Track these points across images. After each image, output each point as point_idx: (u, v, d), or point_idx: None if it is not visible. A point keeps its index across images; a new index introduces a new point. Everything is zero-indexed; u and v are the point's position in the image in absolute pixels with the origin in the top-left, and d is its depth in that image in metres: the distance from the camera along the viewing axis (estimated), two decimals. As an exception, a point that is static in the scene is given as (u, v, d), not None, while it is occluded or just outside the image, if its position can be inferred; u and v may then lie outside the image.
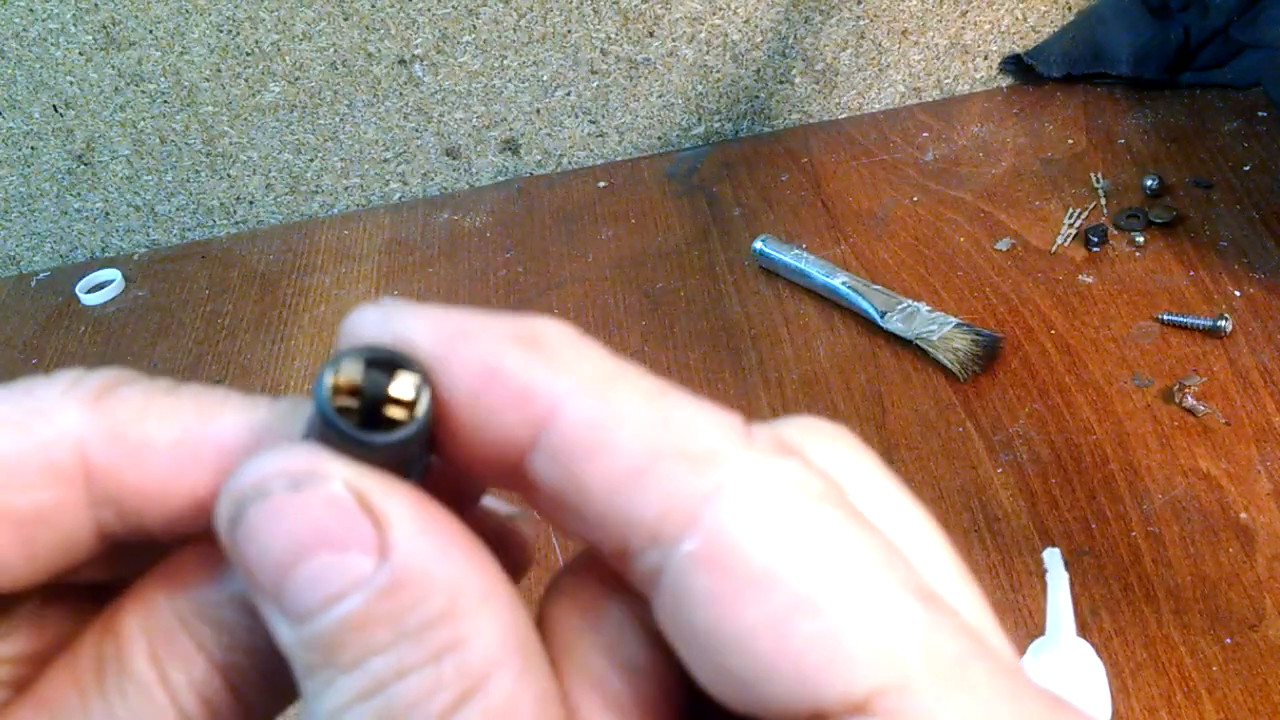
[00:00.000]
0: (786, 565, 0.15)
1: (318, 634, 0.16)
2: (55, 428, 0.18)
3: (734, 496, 0.16)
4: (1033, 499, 0.59)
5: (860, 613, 0.15)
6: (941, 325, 0.67)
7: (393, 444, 0.17)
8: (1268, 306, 0.66)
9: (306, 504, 0.16)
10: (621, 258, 0.80)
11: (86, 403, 0.18)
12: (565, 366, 0.17)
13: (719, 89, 0.87)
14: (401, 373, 0.17)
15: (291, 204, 0.90)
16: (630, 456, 0.16)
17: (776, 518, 0.16)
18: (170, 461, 0.18)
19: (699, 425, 0.17)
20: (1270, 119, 0.78)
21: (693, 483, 0.16)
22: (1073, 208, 0.75)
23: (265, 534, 0.16)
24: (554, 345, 0.17)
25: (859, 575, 0.16)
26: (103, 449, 0.18)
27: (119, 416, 0.18)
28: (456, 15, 0.82)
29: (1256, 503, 0.57)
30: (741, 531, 0.16)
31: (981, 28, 0.86)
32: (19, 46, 0.81)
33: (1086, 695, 0.48)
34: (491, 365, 0.17)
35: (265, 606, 0.17)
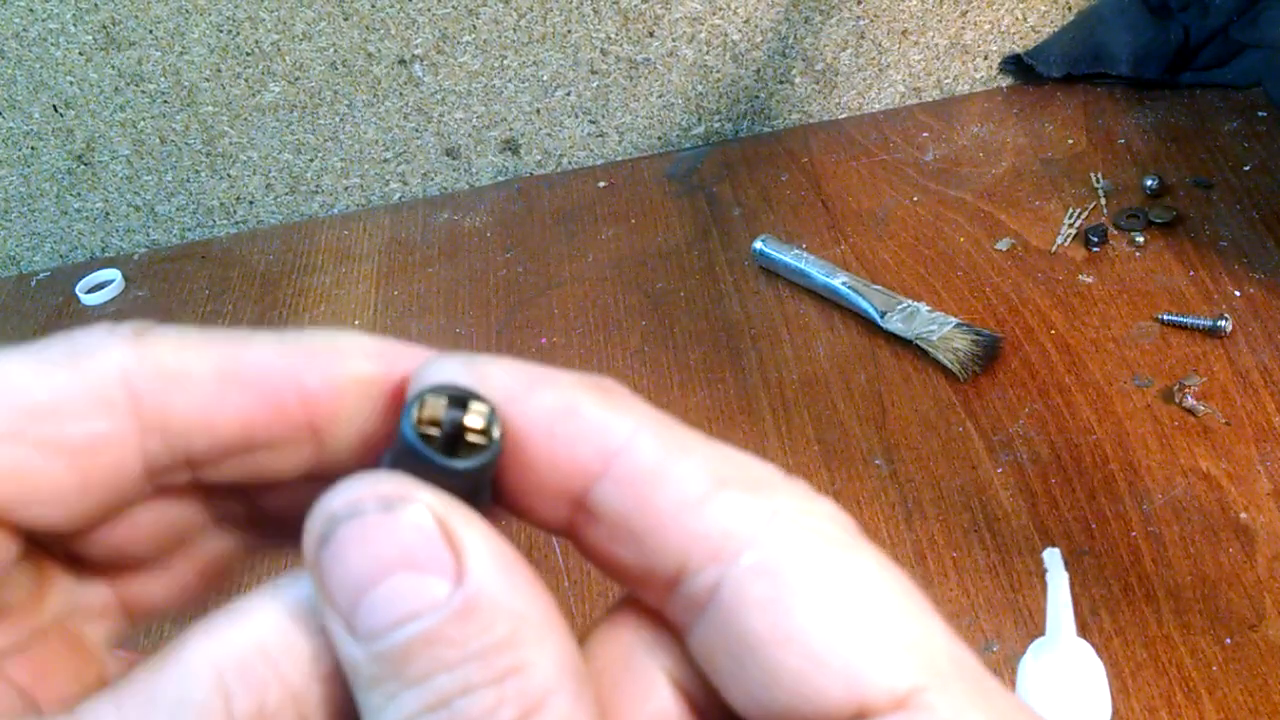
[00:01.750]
0: (838, 575, 0.18)
1: (389, 649, 0.17)
2: (102, 363, 0.19)
3: (789, 519, 0.18)
4: (1033, 499, 0.59)
5: (900, 620, 0.18)
6: (941, 325, 0.67)
7: (471, 469, 0.19)
8: (1268, 306, 0.66)
9: (395, 526, 0.17)
10: (621, 258, 0.80)
11: (128, 340, 0.19)
12: (632, 409, 0.19)
13: (719, 89, 0.87)
14: (476, 405, 0.19)
15: (291, 204, 0.90)
16: (697, 483, 0.18)
17: (826, 538, 0.18)
18: (212, 387, 0.19)
19: (752, 462, 0.19)
20: (1270, 119, 0.78)
21: (753, 506, 0.18)
22: (1073, 208, 0.75)
23: (354, 550, 0.17)
24: (620, 393, 0.19)
25: (896, 592, 0.18)
26: (148, 380, 0.19)
27: (160, 349, 0.19)
28: (456, 15, 0.82)
29: (1256, 503, 0.57)
30: (798, 547, 0.18)
31: (981, 28, 0.86)
32: (19, 46, 0.81)
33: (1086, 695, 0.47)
34: (570, 404, 0.19)
35: (335, 623, 0.17)
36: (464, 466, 0.18)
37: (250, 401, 0.19)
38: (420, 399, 0.19)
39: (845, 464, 0.62)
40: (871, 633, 0.17)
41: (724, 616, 0.18)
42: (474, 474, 0.19)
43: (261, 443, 0.20)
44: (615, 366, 0.72)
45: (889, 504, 0.60)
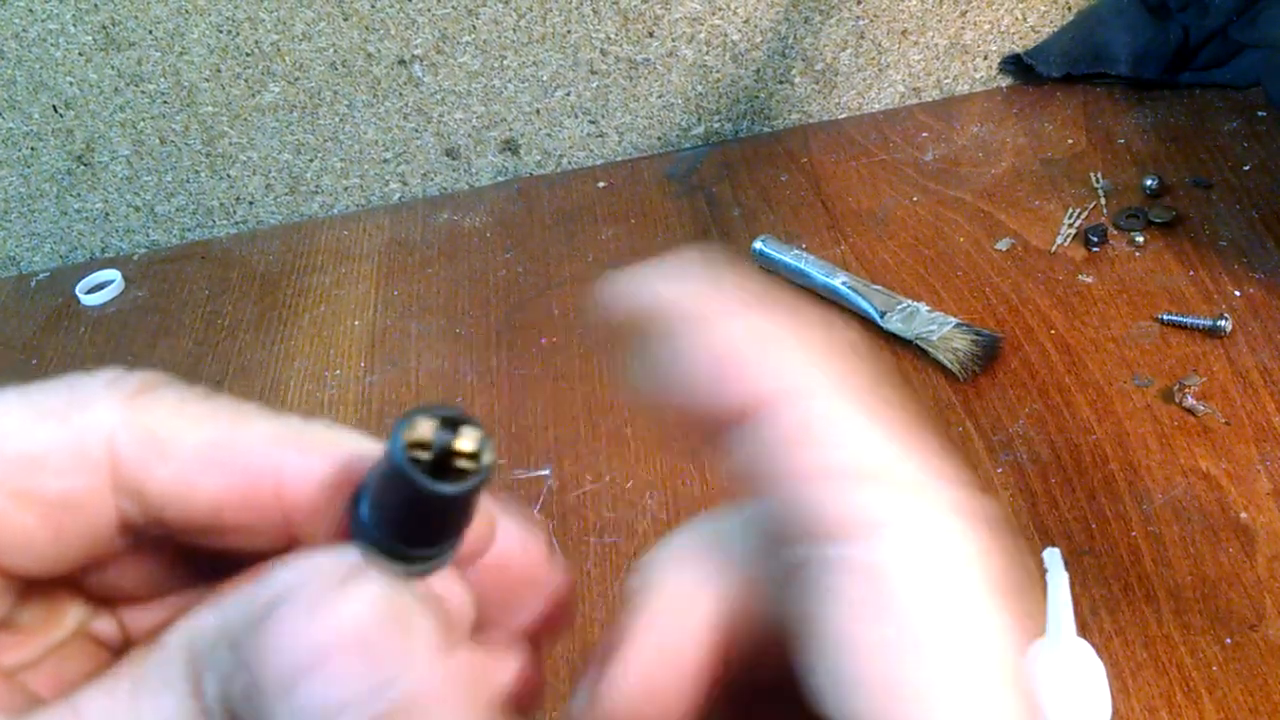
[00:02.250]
0: (925, 609, 0.16)
1: None
2: (90, 419, 0.19)
3: (907, 529, 0.17)
4: (1033, 499, 0.59)
5: (964, 683, 0.16)
6: (941, 325, 0.67)
7: (458, 495, 0.18)
8: (1268, 306, 0.66)
9: (338, 609, 0.17)
10: (622, 258, 0.80)
11: (123, 400, 0.19)
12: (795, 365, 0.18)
13: (719, 89, 0.87)
14: (467, 429, 0.18)
15: (291, 204, 0.90)
16: (839, 459, 0.17)
17: (937, 564, 0.17)
18: (194, 463, 0.19)
19: (902, 454, 0.18)
20: (1270, 119, 0.78)
21: (883, 501, 0.17)
22: (1073, 208, 0.75)
23: (290, 631, 0.17)
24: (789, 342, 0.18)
25: (977, 649, 0.16)
26: (132, 443, 0.19)
27: (153, 415, 0.19)
28: (456, 15, 0.82)
29: (1256, 503, 0.57)
30: (904, 562, 0.17)
31: (981, 28, 0.86)
32: (19, 46, 0.81)
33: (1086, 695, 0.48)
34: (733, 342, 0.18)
35: (273, 705, 0.17)
36: (451, 491, 0.18)
37: (227, 485, 0.19)
38: (410, 419, 0.18)
39: (845, 464, 0.62)
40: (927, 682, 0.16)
41: (803, 595, 0.17)
42: (461, 499, 0.18)
43: (231, 526, 0.20)
44: (615, 366, 0.72)
45: (889, 504, 0.60)
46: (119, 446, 0.19)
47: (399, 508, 0.18)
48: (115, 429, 0.19)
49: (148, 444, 0.19)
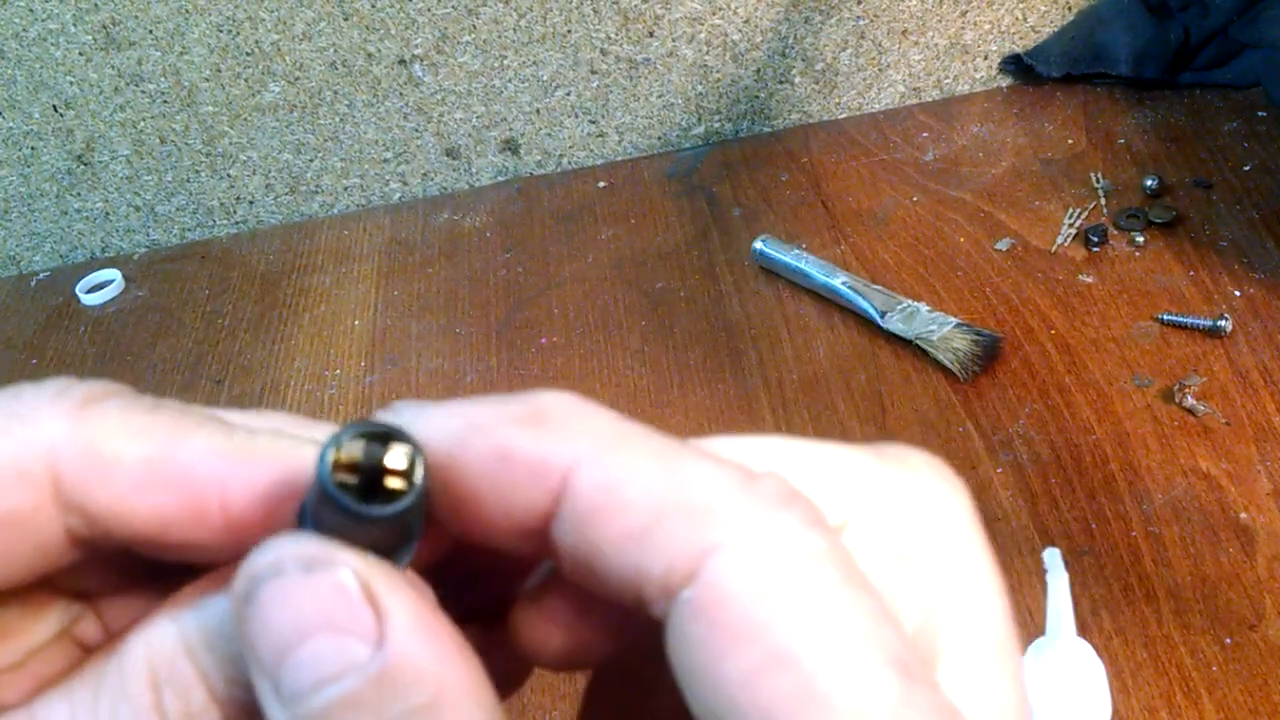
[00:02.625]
0: (771, 620, 0.16)
1: (311, 711, 0.17)
2: (32, 434, 0.19)
3: (731, 551, 0.17)
4: (1033, 499, 0.59)
5: (834, 676, 0.16)
6: (941, 325, 0.67)
7: (390, 516, 0.17)
8: (1268, 306, 0.66)
9: (316, 587, 0.17)
10: (621, 258, 0.80)
11: (67, 413, 0.19)
12: (572, 436, 0.18)
13: (719, 89, 0.87)
14: (396, 445, 0.18)
15: (291, 204, 0.90)
16: (639, 515, 0.17)
17: (768, 574, 0.16)
18: (136, 481, 0.19)
19: (703, 481, 0.17)
20: (1270, 119, 0.78)
21: (695, 537, 0.17)
22: (1073, 208, 0.75)
23: (274, 611, 0.17)
24: (559, 417, 0.18)
25: (840, 638, 0.16)
26: (73, 459, 0.19)
27: (95, 429, 0.19)
28: (456, 15, 0.82)
29: (1256, 503, 0.57)
30: (734, 585, 0.16)
31: (981, 28, 0.86)
32: (19, 46, 0.81)
33: (1086, 695, 0.48)
34: (502, 449, 0.18)
35: (261, 682, 0.17)
36: (381, 514, 0.17)
37: (169, 503, 0.19)
38: (337, 441, 0.17)
39: (845, 464, 0.62)
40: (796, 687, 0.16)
41: (671, 651, 0.17)
42: (395, 520, 0.18)
43: (177, 542, 0.19)
44: (615, 366, 0.72)
45: (889, 504, 0.60)
46: (61, 463, 0.19)
47: (336, 529, 0.18)
48: (58, 444, 0.19)
49: (90, 461, 0.19)
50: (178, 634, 0.18)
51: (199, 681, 0.18)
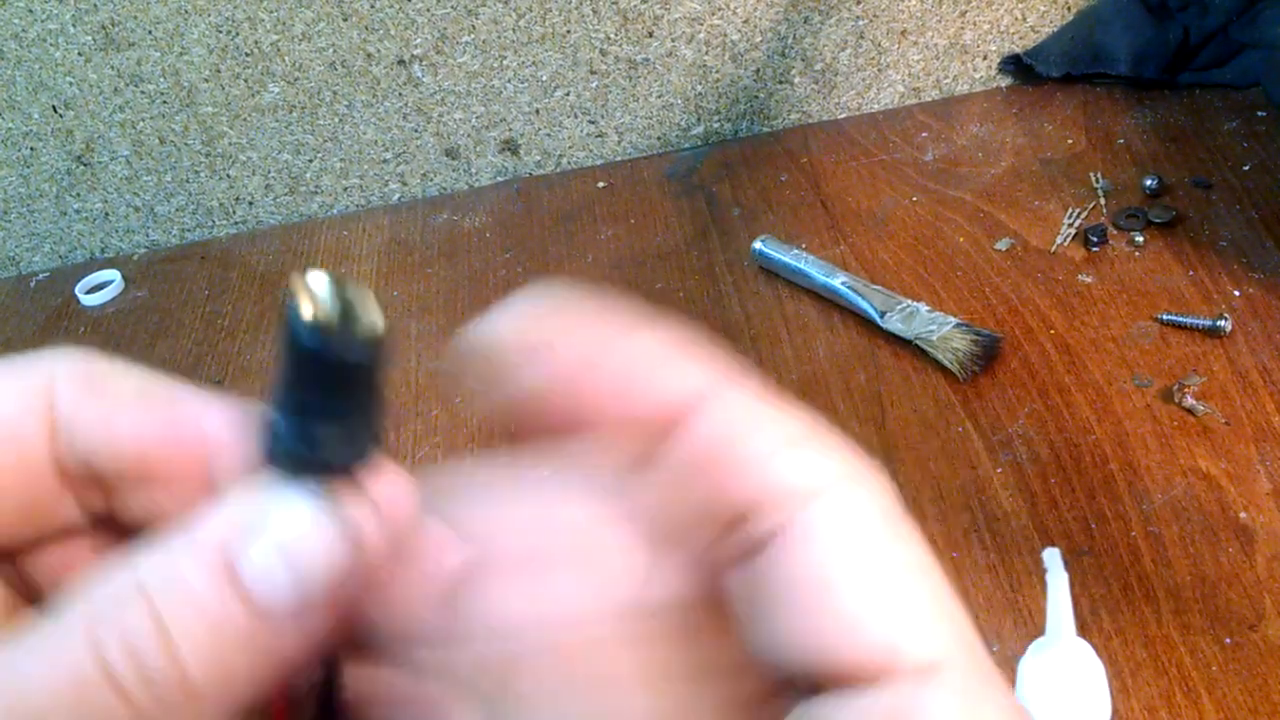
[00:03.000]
0: (891, 545, 0.19)
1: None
2: (33, 364, 0.21)
3: (853, 483, 0.19)
4: (1033, 499, 0.59)
5: (936, 600, 0.19)
6: (941, 325, 0.67)
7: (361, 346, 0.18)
8: (1268, 306, 0.66)
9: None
10: (621, 258, 0.80)
11: (71, 354, 0.21)
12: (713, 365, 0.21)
13: (719, 89, 0.87)
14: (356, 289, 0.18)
15: (291, 204, 0.90)
16: (773, 436, 0.19)
17: (882, 509, 0.19)
18: (124, 401, 0.21)
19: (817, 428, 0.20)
20: (1270, 119, 0.78)
21: (822, 465, 0.19)
22: (1072, 208, 0.75)
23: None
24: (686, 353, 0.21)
25: (933, 573, 0.19)
26: (69, 381, 0.21)
27: (92, 365, 0.21)
28: (456, 15, 0.82)
29: (1256, 503, 0.57)
30: (860, 511, 0.19)
31: (981, 28, 0.86)
32: (19, 47, 0.81)
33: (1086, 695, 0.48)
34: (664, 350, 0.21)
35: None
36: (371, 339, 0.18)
37: (153, 424, 0.21)
38: (303, 278, 0.17)
39: (845, 464, 0.62)
40: (915, 604, 0.18)
41: (784, 561, 0.18)
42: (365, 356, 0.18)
43: (156, 470, 0.21)
44: (615, 367, 0.72)
45: (889, 504, 0.60)
46: (57, 384, 0.20)
47: (302, 380, 0.17)
48: (55, 370, 0.21)
49: (83, 382, 0.21)
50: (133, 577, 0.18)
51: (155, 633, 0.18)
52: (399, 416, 0.72)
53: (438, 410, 0.72)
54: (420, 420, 0.71)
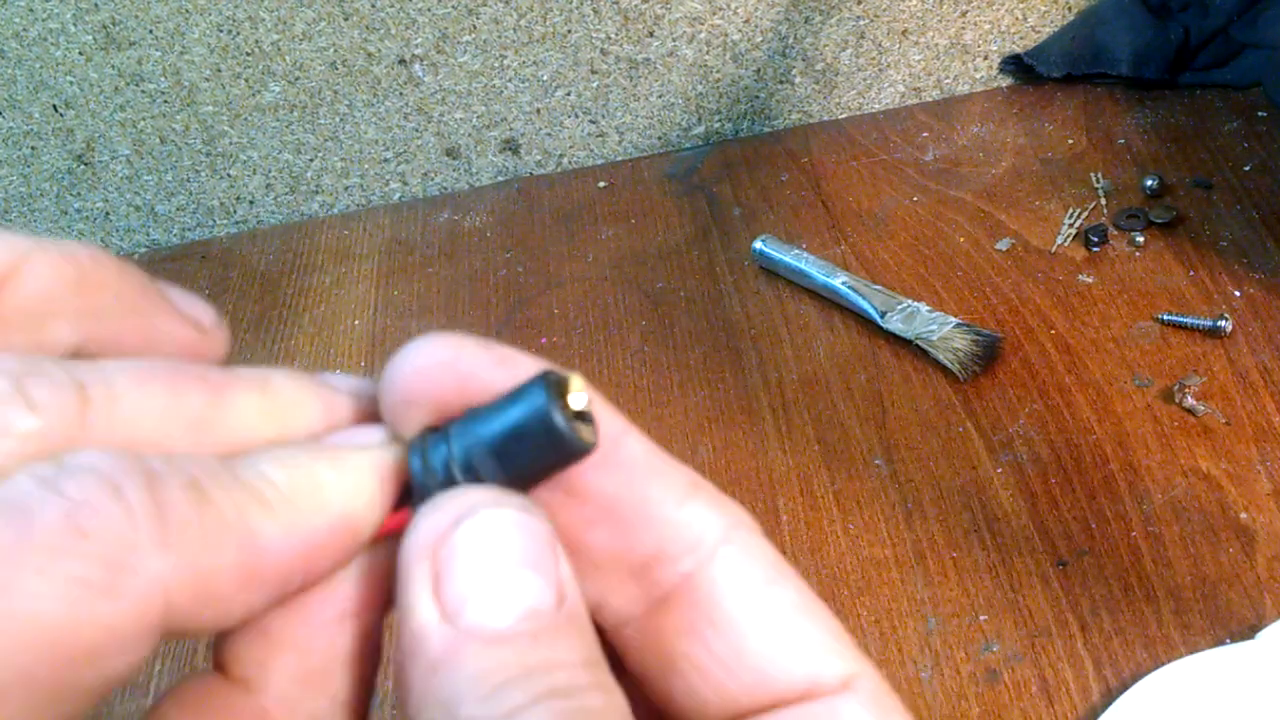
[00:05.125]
0: (789, 579, 0.21)
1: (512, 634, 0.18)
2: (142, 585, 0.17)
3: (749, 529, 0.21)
4: (1033, 499, 0.59)
5: (834, 623, 0.21)
6: (941, 325, 0.67)
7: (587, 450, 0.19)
8: (1268, 306, 0.66)
9: (531, 527, 0.19)
10: (621, 258, 0.80)
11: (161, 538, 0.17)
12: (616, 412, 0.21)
13: (719, 89, 0.87)
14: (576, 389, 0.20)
15: (291, 204, 0.90)
16: (678, 482, 0.21)
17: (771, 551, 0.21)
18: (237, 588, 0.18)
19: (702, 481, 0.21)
20: (1270, 119, 0.78)
21: (725, 510, 0.21)
22: (1073, 208, 0.75)
23: (492, 539, 0.18)
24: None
25: (819, 603, 0.21)
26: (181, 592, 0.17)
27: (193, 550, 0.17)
28: (456, 15, 0.82)
29: (1256, 503, 0.57)
30: (760, 552, 0.21)
31: (981, 28, 0.86)
32: (19, 46, 0.81)
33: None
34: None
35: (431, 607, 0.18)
36: (591, 445, 0.19)
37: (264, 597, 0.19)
38: (561, 377, 0.19)
39: (845, 464, 0.62)
40: (822, 631, 0.20)
41: (700, 599, 0.20)
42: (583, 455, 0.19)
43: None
44: (615, 366, 0.72)
45: (889, 504, 0.60)
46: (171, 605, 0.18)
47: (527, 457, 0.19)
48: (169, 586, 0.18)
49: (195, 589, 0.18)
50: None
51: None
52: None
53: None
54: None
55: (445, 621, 0.18)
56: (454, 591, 0.18)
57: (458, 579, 0.18)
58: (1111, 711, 0.49)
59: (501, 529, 0.18)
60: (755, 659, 0.20)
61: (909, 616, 0.55)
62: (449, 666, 0.17)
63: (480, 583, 0.18)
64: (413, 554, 0.18)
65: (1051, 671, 0.52)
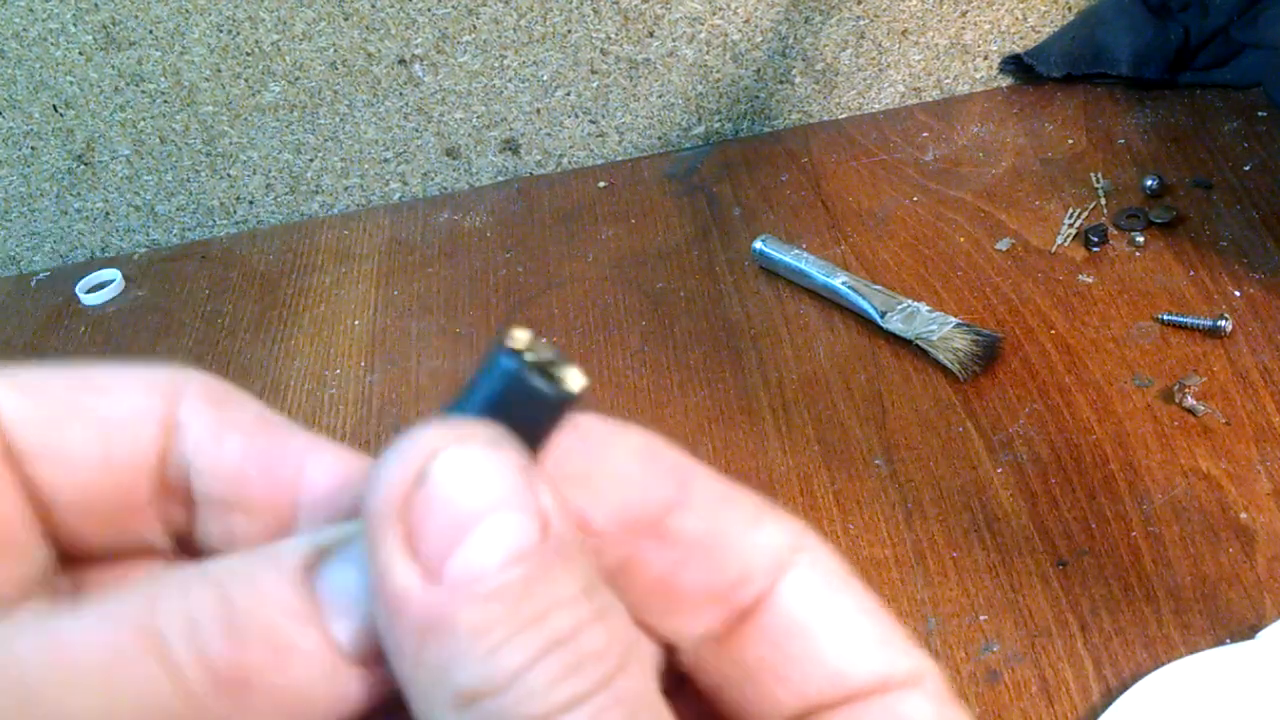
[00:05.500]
0: (856, 585, 0.22)
1: (504, 587, 0.17)
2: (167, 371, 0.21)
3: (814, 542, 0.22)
4: (1033, 499, 0.59)
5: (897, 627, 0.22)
6: (941, 325, 0.67)
7: (569, 397, 0.18)
8: (1268, 306, 0.66)
9: (501, 464, 0.17)
10: (621, 258, 0.80)
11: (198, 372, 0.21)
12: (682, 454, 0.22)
13: (719, 89, 0.87)
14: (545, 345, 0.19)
15: (291, 204, 0.90)
16: (750, 509, 0.21)
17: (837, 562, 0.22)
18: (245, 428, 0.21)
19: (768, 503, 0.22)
20: (1270, 119, 0.78)
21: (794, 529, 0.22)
22: (1073, 208, 0.75)
23: (462, 485, 0.17)
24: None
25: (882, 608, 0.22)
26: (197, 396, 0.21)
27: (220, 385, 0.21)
28: (456, 15, 0.82)
29: (1256, 503, 0.57)
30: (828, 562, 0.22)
31: (981, 28, 0.86)
32: (19, 46, 0.81)
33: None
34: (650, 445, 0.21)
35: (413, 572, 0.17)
36: (563, 393, 0.18)
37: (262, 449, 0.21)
38: (509, 331, 0.18)
39: (845, 464, 0.62)
40: (889, 628, 0.21)
41: (778, 610, 0.21)
42: (564, 405, 0.19)
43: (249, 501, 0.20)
44: (615, 366, 0.72)
45: (889, 504, 0.60)
46: (183, 392, 0.20)
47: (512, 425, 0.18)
48: (184, 379, 0.21)
49: (208, 395, 0.20)
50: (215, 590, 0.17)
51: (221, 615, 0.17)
52: (399, 416, 0.72)
53: (438, 409, 0.72)
54: (420, 420, 0.71)
55: (428, 581, 0.17)
56: (432, 548, 0.17)
57: (433, 534, 0.17)
58: (1111, 711, 0.49)
59: (470, 470, 0.17)
60: (831, 659, 0.21)
61: (909, 616, 0.55)
62: (439, 630, 0.17)
63: (457, 534, 0.17)
64: (380, 515, 0.17)
65: (1051, 671, 0.52)
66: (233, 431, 0.20)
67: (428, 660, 0.17)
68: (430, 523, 0.17)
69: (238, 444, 0.20)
